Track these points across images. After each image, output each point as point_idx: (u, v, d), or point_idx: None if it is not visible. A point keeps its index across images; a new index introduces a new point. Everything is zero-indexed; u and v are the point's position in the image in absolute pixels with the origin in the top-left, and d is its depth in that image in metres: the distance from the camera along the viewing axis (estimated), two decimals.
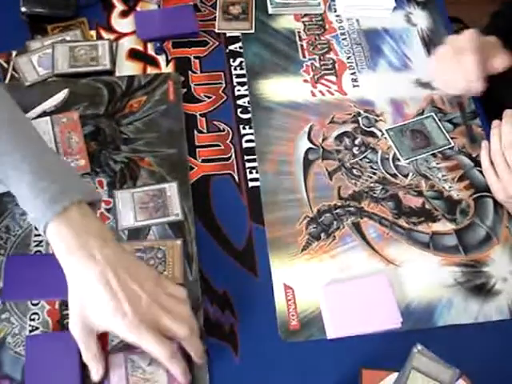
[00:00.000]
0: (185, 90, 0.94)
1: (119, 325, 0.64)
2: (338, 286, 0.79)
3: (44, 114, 0.89)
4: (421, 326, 0.79)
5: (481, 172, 0.91)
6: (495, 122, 0.90)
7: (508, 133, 0.87)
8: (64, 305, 0.75)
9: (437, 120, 0.94)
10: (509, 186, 0.86)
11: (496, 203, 0.89)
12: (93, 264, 0.64)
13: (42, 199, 0.65)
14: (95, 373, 0.67)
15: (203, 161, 0.88)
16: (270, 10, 1.04)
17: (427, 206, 0.87)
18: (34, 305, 0.75)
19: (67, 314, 0.74)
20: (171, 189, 0.84)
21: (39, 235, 0.79)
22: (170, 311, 0.66)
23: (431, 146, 0.92)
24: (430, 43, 1.04)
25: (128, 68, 0.96)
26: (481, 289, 0.82)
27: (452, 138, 0.93)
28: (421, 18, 1.08)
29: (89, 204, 0.68)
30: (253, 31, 1.02)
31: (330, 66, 1.00)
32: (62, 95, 0.91)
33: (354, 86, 0.98)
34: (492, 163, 0.89)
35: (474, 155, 0.92)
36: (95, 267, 0.64)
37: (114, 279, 0.64)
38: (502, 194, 0.87)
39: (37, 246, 0.79)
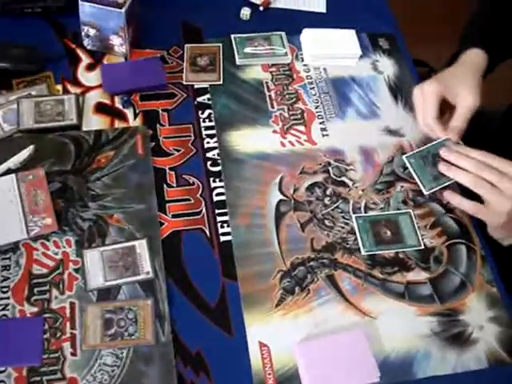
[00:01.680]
0: (153, 143, 0.93)
1: None
2: (314, 343, 0.77)
3: (9, 171, 0.87)
4: (399, 378, 0.78)
5: (453, 218, 0.91)
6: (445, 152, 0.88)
7: (477, 155, 0.86)
8: (32, 371, 0.73)
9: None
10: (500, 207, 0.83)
11: (469, 249, 0.88)
12: None
13: None
14: None
15: (173, 216, 0.87)
16: (238, 61, 1.04)
17: (400, 255, 0.87)
18: (0, 372, 0.72)
19: (35, 382, 0.72)
20: (141, 246, 0.82)
21: (5, 298, 0.77)
22: None
23: None
24: (397, 90, 1.05)
25: (95, 122, 0.95)
26: (458, 338, 0.81)
27: None
28: (387, 66, 1.09)
29: None
30: (221, 82, 1.02)
31: (299, 116, 1.00)
32: (27, 152, 0.89)
33: (324, 135, 0.98)
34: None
35: (444, 202, 0.92)
36: None
37: None
38: (499, 219, 0.84)
39: (2, 309, 0.76)
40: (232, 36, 1.07)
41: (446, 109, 0.93)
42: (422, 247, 0.88)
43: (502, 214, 0.82)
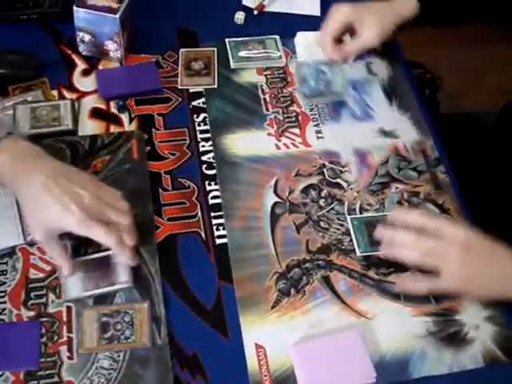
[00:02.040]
0: (149, 147, 0.94)
1: (70, 223, 0.74)
2: (310, 344, 0.78)
3: None
4: (395, 379, 0.78)
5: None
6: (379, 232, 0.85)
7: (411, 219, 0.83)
8: (29, 375, 0.73)
9: None
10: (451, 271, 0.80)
11: None
12: (35, 176, 0.75)
13: None
14: (65, 269, 0.77)
15: (169, 219, 0.87)
16: (232, 65, 1.05)
17: None
18: None
19: None
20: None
21: (2, 303, 0.77)
22: (111, 205, 0.77)
23: None
24: (392, 92, 1.05)
25: (91, 127, 0.96)
26: (454, 338, 0.81)
27: (417, 186, 0.94)
28: (381, 68, 1.09)
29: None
30: (216, 86, 1.02)
31: (294, 119, 1.00)
32: None
33: (318, 137, 0.98)
34: None
35: (439, 202, 0.93)
36: (37, 179, 0.75)
37: (56, 187, 0.74)
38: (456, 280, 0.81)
39: (0, 314, 0.77)
40: (226, 40, 1.08)
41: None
42: None
43: (458, 278, 0.80)
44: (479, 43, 2.09)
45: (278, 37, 1.09)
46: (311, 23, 1.13)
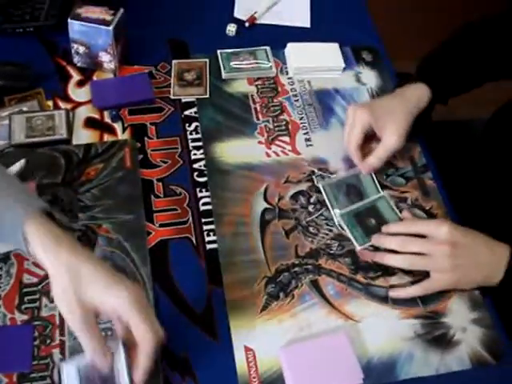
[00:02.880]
0: (141, 156, 0.96)
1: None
2: (298, 347, 0.79)
3: None
4: (383, 380, 0.79)
5: None
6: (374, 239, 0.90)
7: (397, 228, 0.89)
8: (22, 378, 0.74)
9: (373, 175, 0.96)
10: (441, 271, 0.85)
11: None
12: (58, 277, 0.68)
13: (20, 206, 0.70)
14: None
15: (161, 225, 0.89)
16: (224, 75, 1.07)
17: None
18: None
19: None
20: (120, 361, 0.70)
21: None
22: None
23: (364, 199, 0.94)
24: None
25: (85, 136, 0.98)
26: (440, 340, 0.83)
27: (405, 192, 0.96)
28: (370, 77, 1.11)
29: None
30: (207, 96, 1.04)
31: (284, 127, 1.02)
32: (18, 165, 0.92)
33: (308, 145, 1.00)
34: None
35: (427, 207, 0.95)
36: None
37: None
38: (450, 280, 0.85)
39: None
40: (218, 51, 1.10)
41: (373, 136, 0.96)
42: (382, 194, 0.93)
43: (448, 274, 0.84)
44: None
45: (268, 48, 1.11)
46: (301, 35, 1.16)
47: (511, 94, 1.11)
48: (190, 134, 1.00)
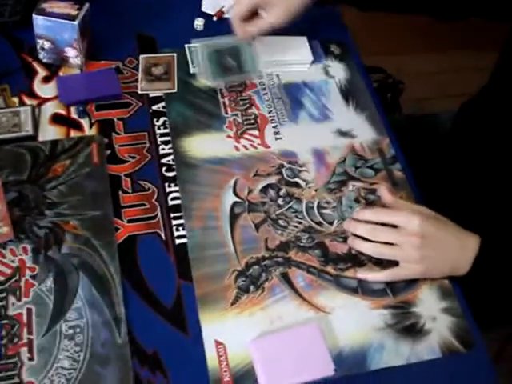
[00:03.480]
0: (109, 151, 0.95)
1: None
2: (269, 339, 0.79)
3: None
4: (354, 371, 0.79)
5: None
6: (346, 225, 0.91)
7: (368, 215, 0.89)
8: None
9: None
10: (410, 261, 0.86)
11: None
12: None
13: None
14: None
15: (129, 221, 0.88)
16: (192, 70, 1.07)
17: (353, 252, 0.89)
18: None
19: None
20: None
21: None
22: None
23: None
24: (348, 93, 1.08)
25: (51, 132, 0.96)
26: (411, 330, 0.83)
27: (374, 184, 0.96)
28: (338, 70, 1.12)
29: None
30: (175, 90, 1.04)
31: (253, 121, 1.02)
32: None
33: (277, 138, 1.00)
34: None
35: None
36: None
37: None
38: (418, 269, 0.86)
39: None
40: (186, 45, 1.09)
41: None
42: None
43: (417, 265, 0.85)
44: (441, 49, 2.14)
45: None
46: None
47: (477, 88, 1.12)
48: (158, 128, 0.99)
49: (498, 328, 1.24)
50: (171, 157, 0.96)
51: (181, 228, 0.88)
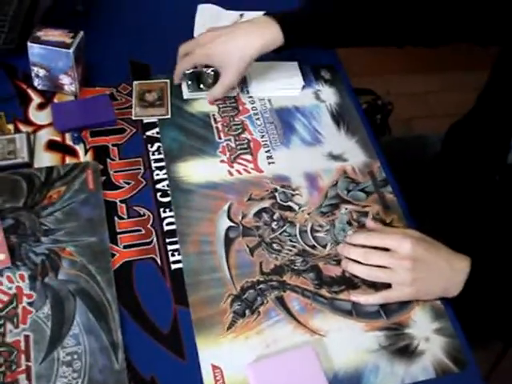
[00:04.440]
0: (104, 177, 0.96)
1: None
2: (265, 363, 0.80)
3: None
4: None
5: None
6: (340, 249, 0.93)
7: (361, 239, 0.91)
8: None
9: None
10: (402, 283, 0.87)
11: None
12: None
13: None
14: None
15: (125, 247, 0.89)
16: (185, 96, 1.08)
17: (347, 274, 0.90)
18: None
19: None
20: None
21: None
22: None
23: None
24: (339, 117, 1.09)
25: (47, 159, 0.97)
26: (405, 351, 0.84)
27: (366, 207, 0.98)
28: (329, 94, 1.13)
29: None
30: (169, 116, 1.05)
31: (246, 146, 1.03)
32: None
33: (270, 163, 1.02)
34: None
35: (388, 221, 0.97)
36: None
37: None
38: (409, 292, 0.87)
39: None
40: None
41: None
42: None
43: (409, 288, 0.87)
44: (429, 69, 2.17)
45: None
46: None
47: (464, 109, 1.15)
48: (153, 154, 1.00)
49: (490, 346, 1.26)
50: (166, 182, 0.97)
51: (176, 253, 0.89)
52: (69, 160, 0.98)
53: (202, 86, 1.09)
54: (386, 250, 0.87)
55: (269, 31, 1.00)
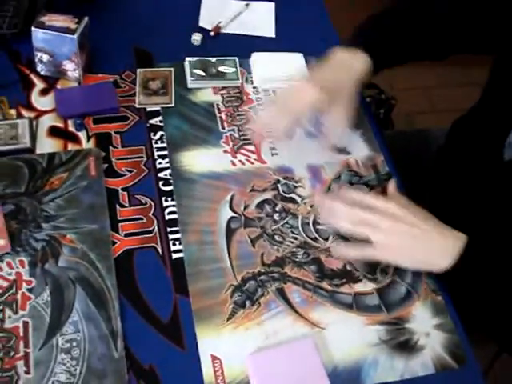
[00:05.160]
0: (106, 164, 0.95)
1: None
2: (265, 354, 0.79)
3: None
4: None
5: None
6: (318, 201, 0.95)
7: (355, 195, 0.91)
8: None
9: None
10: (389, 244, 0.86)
11: None
12: None
13: None
14: None
15: (126, 235, 0.88)
16: (189, 84, 1.08)
17: (348, 267, 0.90)
18: None
19: None
20: None
21: None
22: None
23: None
24: None
25: (49, 145, 0.97)
26: (405, 345, 0.84)
27: None
28: None
29: None
30: (172, 105, 1.05)
31: (249, 136, 1.03)
32: None
33: (273, 154, 1.01)
34: None
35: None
36: None
37: None
38: (393, 255, 0.87)
39: None
40: (187, 59, 1.10)
41: None
42: None
43: (390, 250, 0.86)
44: (430, 65, 2.17)
45: (236, 58, 1.12)
46: (266, 44, 1.17)
47: (467, 104, 1.14)
48: (156, 142, 1.00)
49: (488, 344, 1.25)
50: (168, 171, 0.96)
51: (177, 242, 0.89)
52: (71, 146, 0.97)
53: (205, 75, 1.08)
54: None
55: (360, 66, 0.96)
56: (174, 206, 0.92)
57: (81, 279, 0.83)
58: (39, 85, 1.05)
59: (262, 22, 1.23)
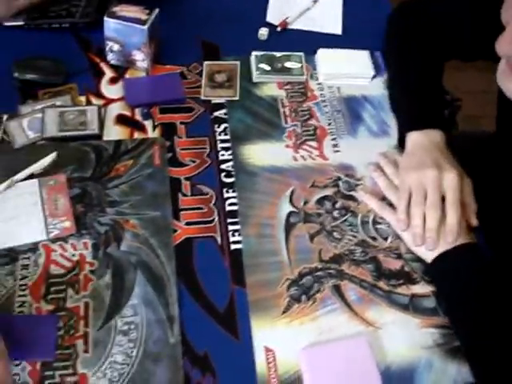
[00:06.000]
0: (170, 154, 0.97)
1: None
2: (318, 349, 0.80)
3: (32, 175, 0.91)
4: None
5: None
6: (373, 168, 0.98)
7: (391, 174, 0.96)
8: (45, 366, 0.76)
9: None
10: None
11: None
12: None
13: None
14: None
15: (187, 224, 0.90)
16: (255, 78, 1.08)
17: (406, 269, 0.89)
18: (15, 365, 0.75)
19: (48, 376, 0.75)
20: None
21: (23, 296, 0.80)
22: None
23: None
24: None
25: (116, 133, 0.99)
26: (458, 351, 0.82)
27: None
28: None
29: None
30: (237, 98, 1.05)
31: (312, 132, 1.03)
32: (50, 158, 0.93)
33: (335, 151, 1.01)
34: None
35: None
36: None
37: None
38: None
39: (20, 306, 0.80)
40: (253, 53, 1.11)
41: None
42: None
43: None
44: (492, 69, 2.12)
45: (302, 53, 1.12)
46: (332, 41, 1.16)
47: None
48: (219, 134, 1.01)
49: None
50: (230, 163, 0.97)
51: (237, 234, 0.89)
52: (137, 135, 0.99)
53: (271, 69, 1.09)
54: None
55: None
56: (234, 197, 0.93)
57: (141, 264, 0.85)
58: (108, 73, 1.08)
59: (329, 18, 1.23)
